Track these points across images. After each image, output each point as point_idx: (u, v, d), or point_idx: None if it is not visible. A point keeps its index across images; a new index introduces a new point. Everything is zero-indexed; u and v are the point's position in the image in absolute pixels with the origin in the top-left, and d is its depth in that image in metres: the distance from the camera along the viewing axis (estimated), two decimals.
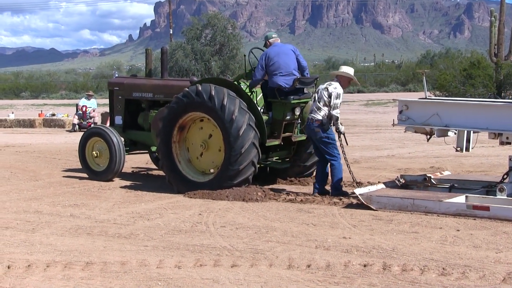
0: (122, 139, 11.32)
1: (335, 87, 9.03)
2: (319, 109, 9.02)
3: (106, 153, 10.97)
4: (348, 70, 9.41)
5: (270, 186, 9.99)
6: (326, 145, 9.07)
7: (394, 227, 7.12)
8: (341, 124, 9.07)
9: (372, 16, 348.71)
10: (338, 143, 9.16)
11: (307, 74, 10.13)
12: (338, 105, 9.00)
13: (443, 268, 5.47)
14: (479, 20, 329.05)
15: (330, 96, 8.97)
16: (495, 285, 5.10)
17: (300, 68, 10.03)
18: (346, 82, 9.31)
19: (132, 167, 12.75)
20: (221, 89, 9.35)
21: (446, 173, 9.86)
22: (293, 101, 9.71)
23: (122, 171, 11.20)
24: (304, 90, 10.08)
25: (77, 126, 22.52)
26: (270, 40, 10.17)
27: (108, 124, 12.51)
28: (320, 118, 9.00)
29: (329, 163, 9.15)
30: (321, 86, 9.19)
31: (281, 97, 9.69)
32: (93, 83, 60.66)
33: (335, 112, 8.94)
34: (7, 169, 12.46)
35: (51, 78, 71.59)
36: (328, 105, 8.98)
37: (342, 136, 9.17)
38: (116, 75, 13.10)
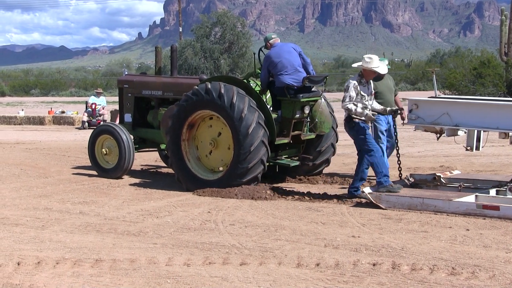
0: (132, 136, 11.34)
1: (349, 80, 8.75)
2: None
3: (116, 150, 11.00)
4: (366, 60, 8.68)
5: (279, 185, 9.99)
6: (357, 140, 8.73)
7: (403, 226, 7.10)
8: (360, 112, 8.57)
9: (382, 15, 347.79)
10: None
11: (312, 70, 10.07)
12: (347, 97, 8.56)
13: (453, 268, 5.45)
14: (489, 19, 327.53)
15: (345, 90, 8.75)
16: (505, 285, 5.07)
17: (304, 65, 10.00)
18: (368, 74, 8.76)
19: (141, 165, 12.78)
20: (231, 87, 9.36)
21: (455, 172, 9.83)
22: (302, 100, 9.69)
23: (131, 168, 11.22)
24: (313, 88, 10.06)
25: (86, 124, 22.58)
26: (270, 41, 10.15)
27: (117, 121, 12.54)
28: (345, 117, 8.81)
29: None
30: None
31: (290, 95, 9.68)
32: (103, 81, 60.84)
33: (342, 105, 8.66)
34: (17, 166, 12.51)
35: (60, 75, 71.83)
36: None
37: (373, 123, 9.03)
38: (126, 73, 13.11)
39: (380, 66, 8.75)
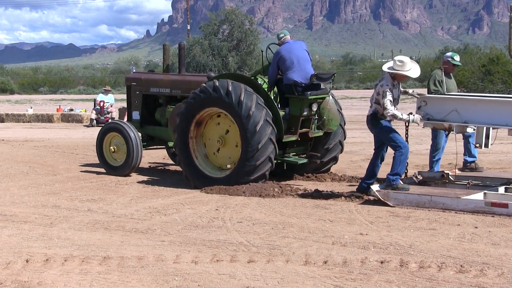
0: (140, 134, 11.37)
1: (381, 85, 8.50)
2: (371, 105, 8.68)
3: (124, 148, 11.02)
4: (398, 64, 8.48)
5: (287, 182, 9.98)
6: (384, 135, 8.58)
7: (412, 224, 7.08)
8: (407, 118, 8.41)
9: (390, 12, 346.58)
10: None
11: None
12: (388, 103, 8.29)
13: (461, 265, 5.44)
14: (498, 16, 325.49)
15: (378, 94, 8.48)
16: None
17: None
18: (400, 77, 8.60)
19: (149, 162, 12.80)
20: (238, 85, 9.36)
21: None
22: (310, 97, 9.68)
23: (139, 166, 11.24)
24: (321, 85, 10.04)
25: (94, 121, 22.63)
26: (282, 39, 10.17)
27: (125, 119, 12.55)
28: (369, 114, 8.66)
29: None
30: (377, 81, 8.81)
31: (298, 93, 9.67)
32: (111, 79, 60.92)
33: (386, 113, 8.36)
34: (26, 164, 12.56)
35: (69, 73, 71.97)
36: (378, 102, 8.49)
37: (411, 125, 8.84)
38: (134, 71, 13.14)
39: (412, 68, 8.52)
